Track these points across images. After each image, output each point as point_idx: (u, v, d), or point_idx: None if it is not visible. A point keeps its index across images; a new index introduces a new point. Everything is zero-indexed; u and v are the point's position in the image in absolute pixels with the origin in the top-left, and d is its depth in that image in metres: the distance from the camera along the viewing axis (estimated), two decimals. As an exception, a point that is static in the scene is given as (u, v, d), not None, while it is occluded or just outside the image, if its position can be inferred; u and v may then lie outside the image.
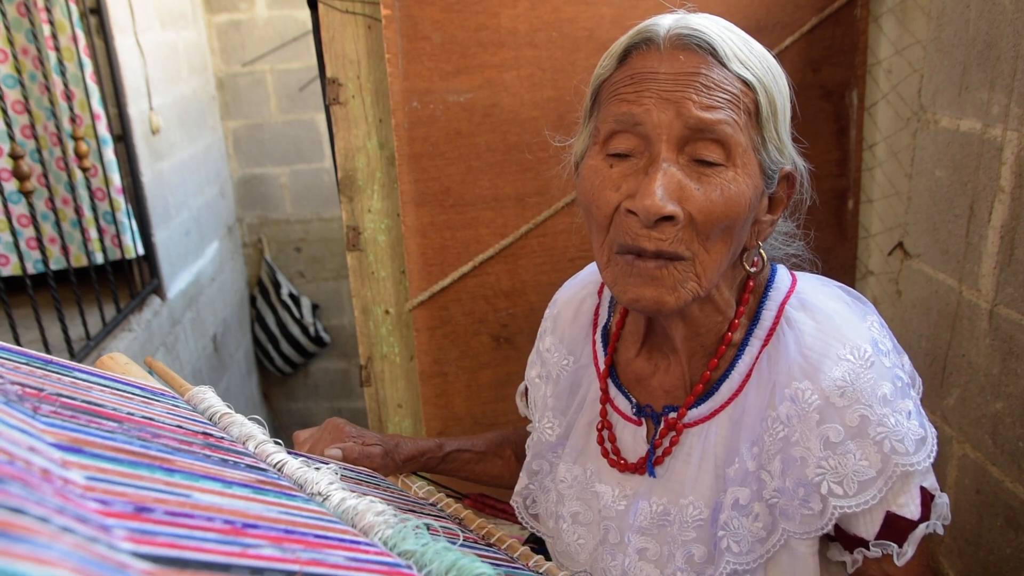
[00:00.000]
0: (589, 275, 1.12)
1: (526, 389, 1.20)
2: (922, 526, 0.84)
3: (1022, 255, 1.25)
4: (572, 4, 1.63)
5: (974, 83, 1.35)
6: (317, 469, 0.69)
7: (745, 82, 0.81)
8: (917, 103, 1.69)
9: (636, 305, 0.84)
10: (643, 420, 0.97)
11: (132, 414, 0.57)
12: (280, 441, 0.75)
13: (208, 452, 0.58)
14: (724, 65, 0.80)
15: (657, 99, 0.79)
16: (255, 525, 0.44)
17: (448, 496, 1.10)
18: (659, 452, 0.94)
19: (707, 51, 0.80)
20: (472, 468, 1.25)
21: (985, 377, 1.35)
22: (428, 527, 0.60)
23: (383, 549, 0.56)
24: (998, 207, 1.29)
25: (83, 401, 0.54)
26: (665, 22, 0.83)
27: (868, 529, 0.83)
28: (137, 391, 0.67)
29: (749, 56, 0.82)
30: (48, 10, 2.44)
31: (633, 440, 0.98)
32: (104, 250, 2.70)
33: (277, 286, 4.21)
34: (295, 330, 4.18)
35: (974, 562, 1.42)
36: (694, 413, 0.92)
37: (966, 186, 1.38)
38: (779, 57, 0.87)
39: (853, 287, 1.95)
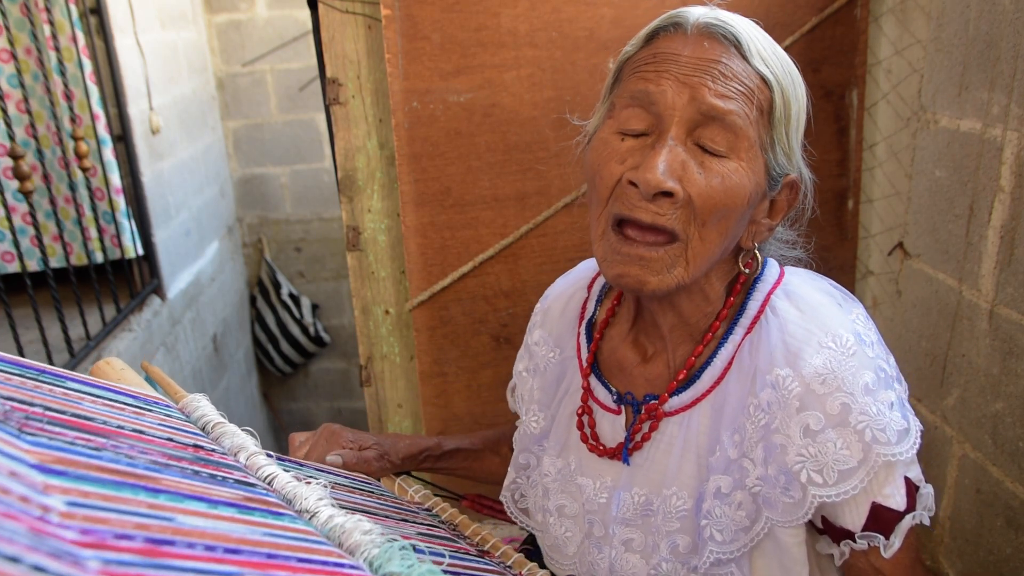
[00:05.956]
0: (581, 271, 1.13)
1: (515, 385, 1.21)
2: (908, 517, 0.83)
3: (1022, 255, 1.25)
4: (572, 4, 1.63)
5: (974, 83, 1.35)
6: (308, 483, 0.69)
7: (763, 79, 0.82)
8: (917, 103, 1.69)
9: (620, 281, 0.85)
10: (622, 409, 0.98)
11: (122, 427, 0.57)
12: (272, 453, 0.74)
13: (197, 468, 0.58)
14: (745, 59, 0.82)
15: (674, 81, 0.81)
16: (237, 550, 0.44)
17: (445, 498, 1.09)
18: (637, 438, 0.94)
19: (731, 42, 0.82)
20: (470, 465, 1.25)
21: (985, 377, 1.35)
22: (415, 548, 0.60)
23: (367, 572, 0.56)
24: (998, 207, 1.29)
25: (72, 415, 0.53)
26: (696, 11, 0.85)
27: (855, 521, 0.83)
28: (130, 401, 0.67)
29: (772, 56, 0.84)
30: (48, 10, 2.44)
31: (612, 429, 0.98)
32: (104, 250, 2.71)
33: (277, 286, 4.21)
34: (295, 330, 4.18)
35: (974, 562, 1.42)
36: (675, 401, 0.92)
37: (966, 186, 1.38)
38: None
39: (853, 287, 1.95)
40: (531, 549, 1.16)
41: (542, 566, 1.01)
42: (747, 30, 0.83)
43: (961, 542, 1.46)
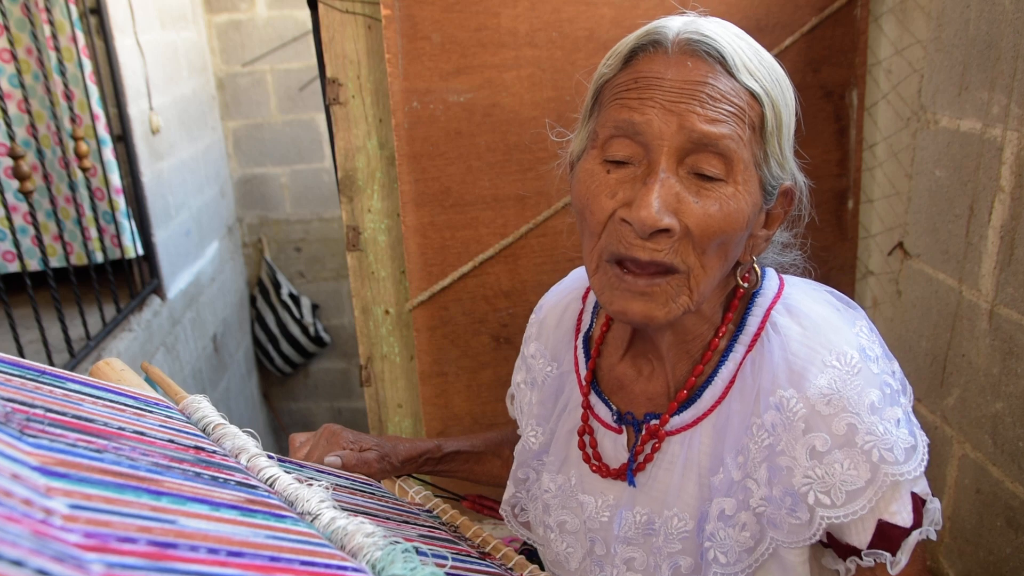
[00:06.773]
0: (574, 281, 1.11)
1: (514, 394, 1.19)
2: (915, 533, 0.82)
3: (1022, 255, 1.25)
4: (572, 4, 1.63)
5: (974, 83, 1.35)
6: (309, 484, 0.69)
7: (753, 94, 0.78)
8: (917, 103, 1.69)
9: (623, 317, 0.82)
10: (623, 428, 0.96)
11: (123, 428, 0.57)
12: (272, 455, 0.74)
13: (199, 469, 0.58)
14: (732, 75, 0.77)
15: (660, 109, 0.77)
16: (240, 553, 0.44)
17: (446, 499, 1.09)
18: (640, 459, 0.92)
19: (716, 59, 0.77)
20: (471, 468, 1.24)
21: (985, 377, 1.35)
22: (417, 550, 0.60)
23: (370, 575, 0.56)
24: (998, 207, 1.29)
25: (73, 416, 0.53)
26: (674, 25, 0.81)
27: (860, 538, 0.81)
28: (131, 402, 0.67)
29: (759, 67, 0.79)
30: (48, 10, 2.44)
31: (614, 448, 0.96)
32: (104, 250, 2.71)
33: (277, 286, 4.21)
34: (295, 330, 4.18)
35: (974, 562, 1.42)
36: (676, 420, 0.90)
37: (966, 186, 1.38)
38: (779, 57, 0.85)
39: (853, 287, 1.95)
40: (531, 550, 1.15)
41: (543, 568, 1.00)
42: (731, 42, 0.78)
43: (961, 542, 1.46)
